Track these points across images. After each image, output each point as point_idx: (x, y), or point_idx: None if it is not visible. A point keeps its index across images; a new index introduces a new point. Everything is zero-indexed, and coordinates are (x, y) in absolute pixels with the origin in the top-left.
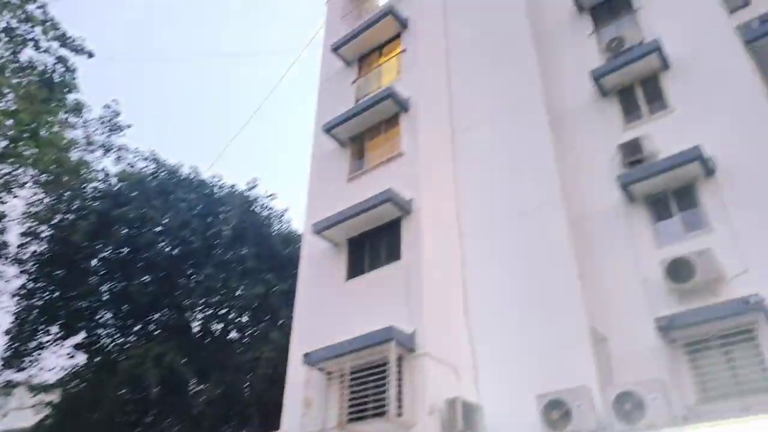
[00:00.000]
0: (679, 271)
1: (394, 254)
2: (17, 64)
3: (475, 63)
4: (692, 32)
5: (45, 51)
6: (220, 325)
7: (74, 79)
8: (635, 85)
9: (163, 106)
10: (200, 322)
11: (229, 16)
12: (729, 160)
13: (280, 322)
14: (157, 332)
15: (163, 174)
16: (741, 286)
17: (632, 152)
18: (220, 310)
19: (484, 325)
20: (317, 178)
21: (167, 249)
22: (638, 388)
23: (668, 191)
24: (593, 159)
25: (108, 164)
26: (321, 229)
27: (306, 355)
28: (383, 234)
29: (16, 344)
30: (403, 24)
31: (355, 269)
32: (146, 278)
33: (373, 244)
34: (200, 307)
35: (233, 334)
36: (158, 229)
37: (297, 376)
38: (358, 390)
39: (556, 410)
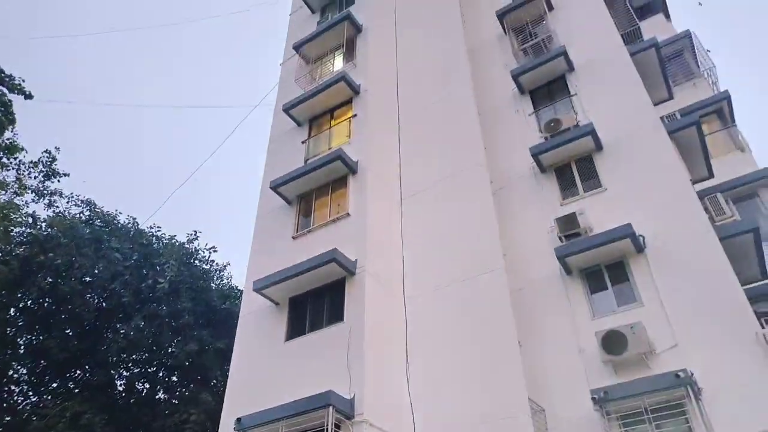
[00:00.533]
0: (613, 343)
1: (336, 315)
2: None
3: (424, 131)
4: (623, 119)
5: None
6: (147, 385)
7: (10, 115)
8: (571, 163)
9: (108, 154)
10: (125, 380)
11: (184, 66)
12: (656, 238)
13: (212, 382)
14: (76, 390)
15: (97, 222)
16: (671, 359)
17: (568, 226)
18: (148, 368)
19: (426, 391)
20: (262, 234)
21: (95, 301)
22: None
23: (602, 265)
24: (533, 230)
25: (39, 209)
26: (262, 286)
27: (238, 420)
28: (326, 294)
29: None
30: (355, 90)
31: (295, 330)
32: (68, 332)
33: (316, 304)
34: (126, 364)
35: (161, 395)
36: (87, 279)
37: None
38: None
39: None
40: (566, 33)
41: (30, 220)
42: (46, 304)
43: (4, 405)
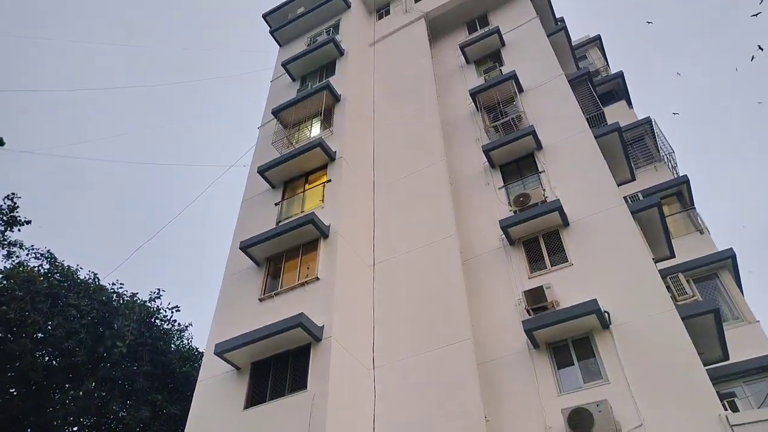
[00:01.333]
0: (579, 421)
1: (299, 383)
2: None
3: (398, 200)
4: (588, 197)
5: None
6: None
7: None
8: (539, 237)
9: (73, 206)
10: None
11: (161, 121)
12: (621, 316)
13: None
14: None
15: (56, 276)
16: None
17: (536, 299)
18: None
19: None
20: (228, 295)
21: (45, 359)
22: None
23: (569, 340)
24: (502, 301)
25: None
26: (224, 350)
27: None
28: (290, 360)
29: None
30: (331, 156)
31: (255, 397)
32: (13, 391)
33: (279, 370)
34: (72, 429)
35: None
36: (39, 335)
37: None
38: None
39: None
40: (535, 113)
41: None
42: None
43: None
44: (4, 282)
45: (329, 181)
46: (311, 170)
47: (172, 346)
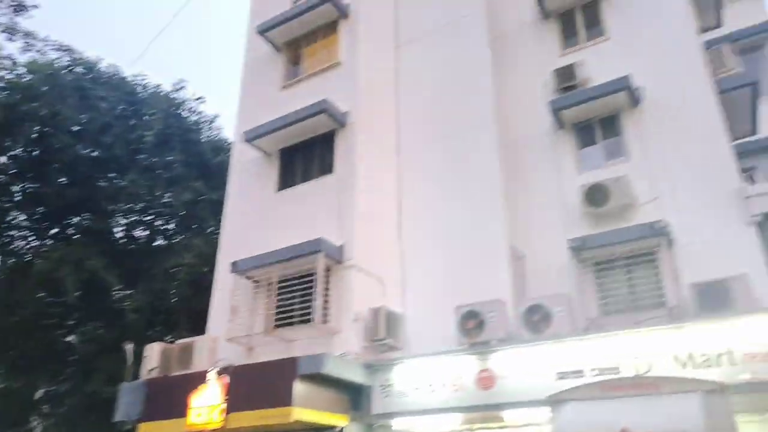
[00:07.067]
0: (595, 195)
1: (327, 167)
2: None
3: None
4: None
5: None
6: (146, 233)
7: None
8: (576, 9)
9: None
10: (124, 228)
11: None
12: (655, 92)
13: (208, 230)
14: (76, 236)
15: (79, 68)
16: (650, 212)
17: (566, 78)
18: (145, 216)
19: (413, 239)
20: (250, 83)
21: (86, 152)
22: (546, 302)
23: (595, 119)
24: (530, 82)
25: (14, 51)
26: (252, 137)
27: (234, 264)
28: (317, 146)
29: None
30: None
31: (286, 180)
32: (63, 180)
33: (306, 155)
34: (124, 213)
35: (159, 242)
36: (75, 129)
37: (224, 284)
38: (285, 298)
39: (472, 320)
40: None
41: (8, 63)
42: (35, 154)
43: (6, 249)
44: (30, 77)
45: None
46: None
47: (202, 137)
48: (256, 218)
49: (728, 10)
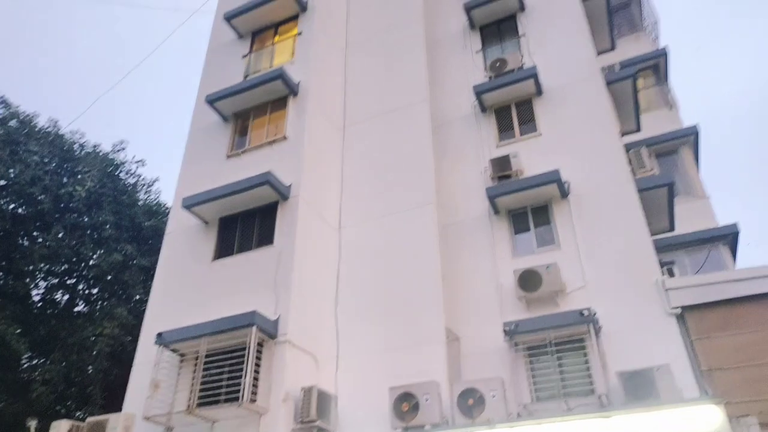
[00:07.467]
0: (528, 281)
1: (266, 239)
2: None
3: (372, 59)
4: (565, 65)
5: None
6: (65, 297)
7: None
8: (511, 105)
9: (30, 49)
10: (42, 291)
11: None
12: (581, 186)
13: (135, 297)
14: None
15: (13, 122)
16: (580, 300)
17: (502, 168)
18: (67, 279)
19: (350, 316)
20: (195, 150)
21: (10, 207)
22: (480, 386)
23: (528, 207)
24: (470, 169)
25: None
26: (192, 204)
27: (159, 335)
28: (257, 217)
29: None
30: (303, 6)
31: (223, 250)
32: None
33: (246, 226)
34: (43, 275)
35: (80, 308)
36: (1, 183)
37: (147, 357)
38: (213, 374)
39: (406, 402)
40: None
41: None
42: None
43: None
44: None
45: (300, 33)
46: (281, 21)
47: (138, 200)
48: (188, 287)
49: (647, 117)
